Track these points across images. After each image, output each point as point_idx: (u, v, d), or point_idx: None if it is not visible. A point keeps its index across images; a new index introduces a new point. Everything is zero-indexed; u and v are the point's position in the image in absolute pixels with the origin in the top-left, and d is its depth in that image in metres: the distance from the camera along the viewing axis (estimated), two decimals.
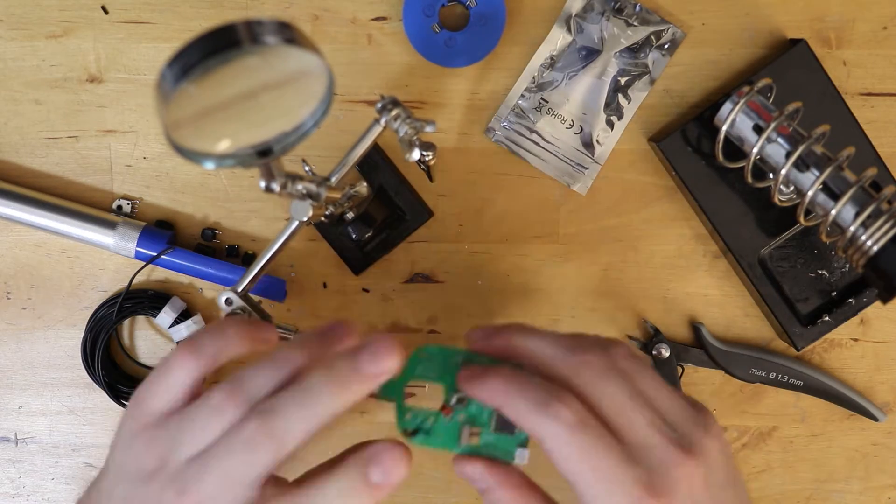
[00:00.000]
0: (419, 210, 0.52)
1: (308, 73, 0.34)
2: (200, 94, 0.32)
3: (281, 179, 0.38)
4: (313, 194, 0.41)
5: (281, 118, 0.37)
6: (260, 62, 0.33)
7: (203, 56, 0.31)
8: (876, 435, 0.55)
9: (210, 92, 0.33)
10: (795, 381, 0.54)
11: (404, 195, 0.52)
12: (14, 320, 0.54)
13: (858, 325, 0.54)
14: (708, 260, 0.54)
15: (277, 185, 0.38)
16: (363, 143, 0.44)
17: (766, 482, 0.56)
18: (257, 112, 0.35)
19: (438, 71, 0.52)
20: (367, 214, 0.50)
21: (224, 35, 0.31)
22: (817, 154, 0.46)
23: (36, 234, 0.53)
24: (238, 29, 0.31)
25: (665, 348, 0.54)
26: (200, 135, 0.34)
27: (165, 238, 0.52)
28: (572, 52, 0.52)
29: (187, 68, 0.31)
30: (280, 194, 0.39)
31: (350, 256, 0.53)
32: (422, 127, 0.42)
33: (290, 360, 0.36)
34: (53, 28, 0.52)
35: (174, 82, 0.31)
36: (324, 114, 0.37)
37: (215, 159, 0.36)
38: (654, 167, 0.53)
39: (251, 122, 0.36)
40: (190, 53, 0.31)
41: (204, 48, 0.31)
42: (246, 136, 0.36)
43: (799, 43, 0.50)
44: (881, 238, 0.45)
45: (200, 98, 0.33)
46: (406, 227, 0.52)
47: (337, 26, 0.52)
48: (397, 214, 0.52)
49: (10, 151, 0.53)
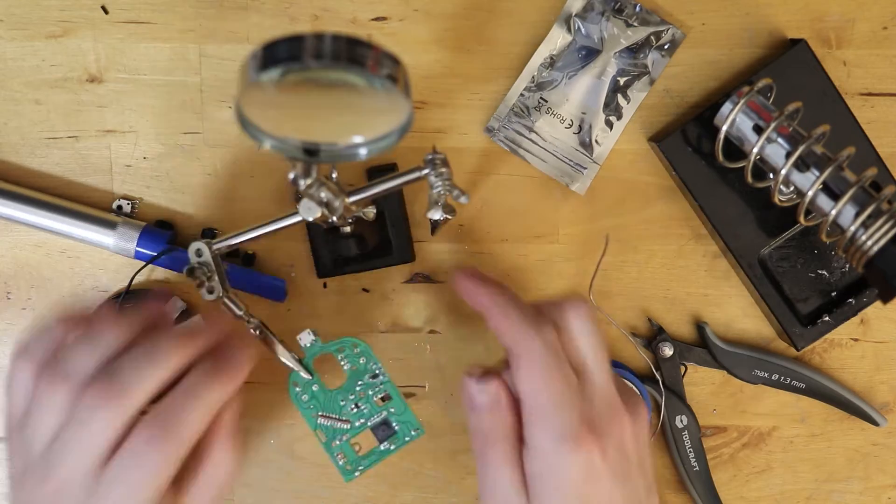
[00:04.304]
0: (405, 251, 0.52)
1: (393, 112, 0.35)
2: (283, 94, 0.33)
3: (311, 180, 0.38)
4: (332, 207, 0.41)
5: (344, 131, 0.37)
6: (358, 86, 0.33)
7: (299, 58, 0.30)
8: (876, 435, 0.55)
9: (293, 95, 0.33)
10: (798, 383, 0.54)
11: (399, 232, 0.52)
12: (14, 320, 0.54)
13: (858, 325, 0.54)
14: (708, 260, 0.54)
15: (305, 184, 0.38)
16: (396, 181, 0.44)
17: (766, 482, 0.56)
18: (326, 118, 0.36)
19: (438, 71, 0.52)
20: (361, 237, 0.50)
21: (348, 48, 0.31)
22: (817, 154, 0.46)
23: (36, 234, 0.53)
24: (361, 50, 0.31)
25: (668, 347, 0.54)
26: (266, 118, 0.35)
27: (165, 238, 0.52)
28: (572, 51, 0.52)
29: (280, 67, 0.31)
30: (302, 193, 0.39)
31: (322, 261, 0.52)
32: (457, 195, 0.43)
33: (108, 340, 0.38)
34: (53, 28, 0.52)
35: (263, 73, 0.31)
36: (384, 149, 0.37)
37: (272, 139, 0.36)
38: (654, 167, 0.53)
39: (316, 123, 0.36)
40: (288, 49, 0.30)
41: (304, 51, 0.30)
42: (304, 132, 0.37)
43: (799, 43, 0.50)
44: (881, 238, 0.45)
45: (282, 97, 0.33)
46: (386, 260, 0.52)
47: (337, 26, 0.52)
48: (384, 245, 0.52)
49: (10, 151, 0.53)
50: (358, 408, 0.44)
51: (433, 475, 0.55)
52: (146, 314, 0.41)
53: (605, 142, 0.53)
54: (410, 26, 0.52)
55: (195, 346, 0.39)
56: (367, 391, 0.44)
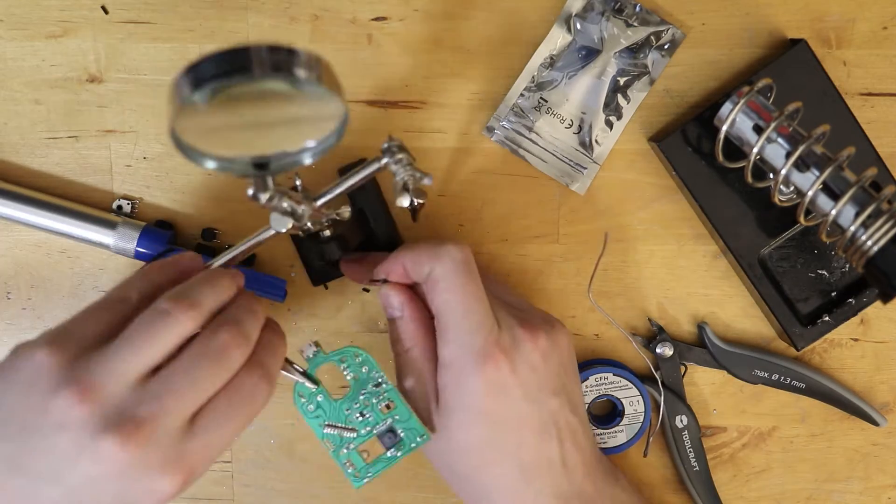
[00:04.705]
0: (393, 242, 0.52)
1: (327, 111, 0.35)
2: (216, 112, 0.33)
3: (269, 193, 0.38)
4: (297, 214, 0.41)
5: (287, 140, 0.37)
6: (287, 92, 0.33)
7: (228, 74, 0.30)
8: (876, 435, 0.55)
9: (226, 112, 0.33)
10: (798, 383, 0.54)
11: (383, 225, 0.51)
12: (14, 320, 0.54)
13: (858, 325, 0.54)
14: (708, 260, 0.54)
15: (265, 198, 0.38)
16: (358, 175, 0.44)
17: (766, 482, 0.56)
18: (266, 131, 0.36)
19: (438, 71, 0.52)
20: (342, 238, 0.50)
21: (270, 56, 0.31)
22: (817, 154, 0.46)
23: (36, 234, 0.53)
24: (283, 56, 0.31)
25: (668, 346, 0.54)
26: (204, 139, 0.35)
27: (165, 238, 0.52)
28: (572, 51, 0.52)
29: (210, 85, 0.31)
30: (265, 206, 0.39)
31: (314, 269, 0.52)
32: (420, 178, 0.43)
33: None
34: (53, 28, 0.52)
35: (192, 94, 0.31)
36: (327, 149, 0.37)
37: (215, 160, 0.36)
38: (654, 167, 0.53)
39: (257, 136, 0.36)
40: (213, 66, 0.30)
41: (230, 66, 0.30)
42: (248, 147, 0.37)
43: (799, 43, 0.50)
44: (881, 238, 0.45)
45: (216, 115, 0.33)
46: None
47: (337, 26, 0.52)
48: (371, 241, 0.52)
49: (10, 151, 0.53)
50: (363, 416, 0.44)
51: (433, 475, 0.55)
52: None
53: (605, 142, 0.53)
54: (410, 26, 0.52)
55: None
56: (370, 400, 0.44)
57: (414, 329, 0.44)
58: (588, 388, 0.53)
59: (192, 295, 0.37)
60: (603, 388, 0.53)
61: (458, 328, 0.42)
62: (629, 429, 0.54)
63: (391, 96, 0.53)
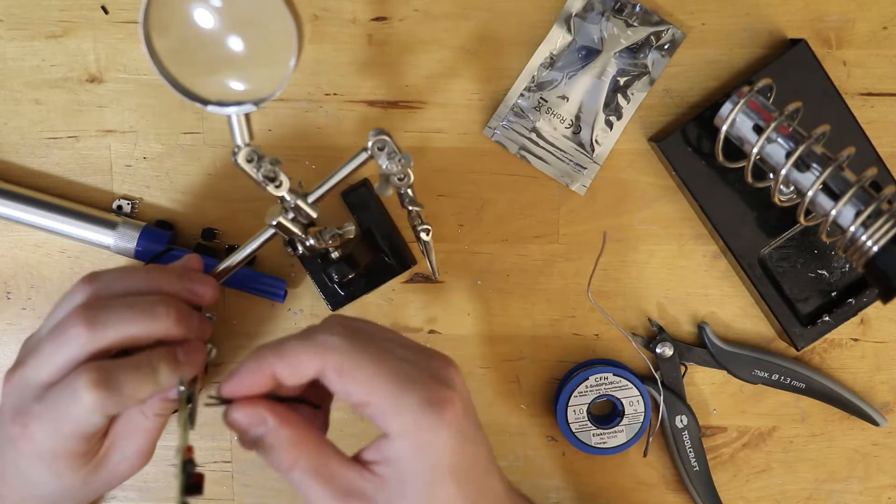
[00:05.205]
0: (403, 258, 0.52)
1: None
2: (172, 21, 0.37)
3: (264, 161, 0.39)
4: (286, 203, 0.42)
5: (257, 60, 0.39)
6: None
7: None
8: (876, 435, 0.55)
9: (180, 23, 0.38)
10: (798, 383, 0.54)
11: (392, 241, 0.52)
12: (14, 320, 0.54)
13: (858, 325, 0.54)
14: (708, 260, 0.54)
15: (255, 158, 0.39)
16: (346, 167, 0.44)
17: (766, 482, 0.56)
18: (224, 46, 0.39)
19: (438, 71, 0.52)
20: (351, 257, 0.50)
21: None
22: (817, 154, 0.46)
23: (36, 234, 0.53)
24: None
25: (668, 347, 0.54)
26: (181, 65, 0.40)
27: (165, 238, 0.52)
28: (572, 51, 0.52)
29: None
30: (256, 173, 0.39)
31: (329, 293, 0.52)
32: (405, 166, 0.42)
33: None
34: (53, 28, 0.52)
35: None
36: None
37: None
38: (654, 167, 0.53)
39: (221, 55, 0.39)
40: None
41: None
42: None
43: (799, 43, 0.50)
44: (881, 238, 0.45)
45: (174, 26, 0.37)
46: (389, 272, 0.52)
47: (337, 26, 0.52)
48: (382, 259, 0.52)
49: (10, 151, 0.53)
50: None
51: None
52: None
53: (605, 142, 0.53)
54: (410, 26, 0.52)
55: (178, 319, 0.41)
56: None
57: (292, 432, 0.38)
58: (588, 388, 0.53)
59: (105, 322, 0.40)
60: (603, 388, 0.53)
61: (397, 396, 0.37)
62: (629, 429, 0.54)
63: (391, 96, 0.53)
